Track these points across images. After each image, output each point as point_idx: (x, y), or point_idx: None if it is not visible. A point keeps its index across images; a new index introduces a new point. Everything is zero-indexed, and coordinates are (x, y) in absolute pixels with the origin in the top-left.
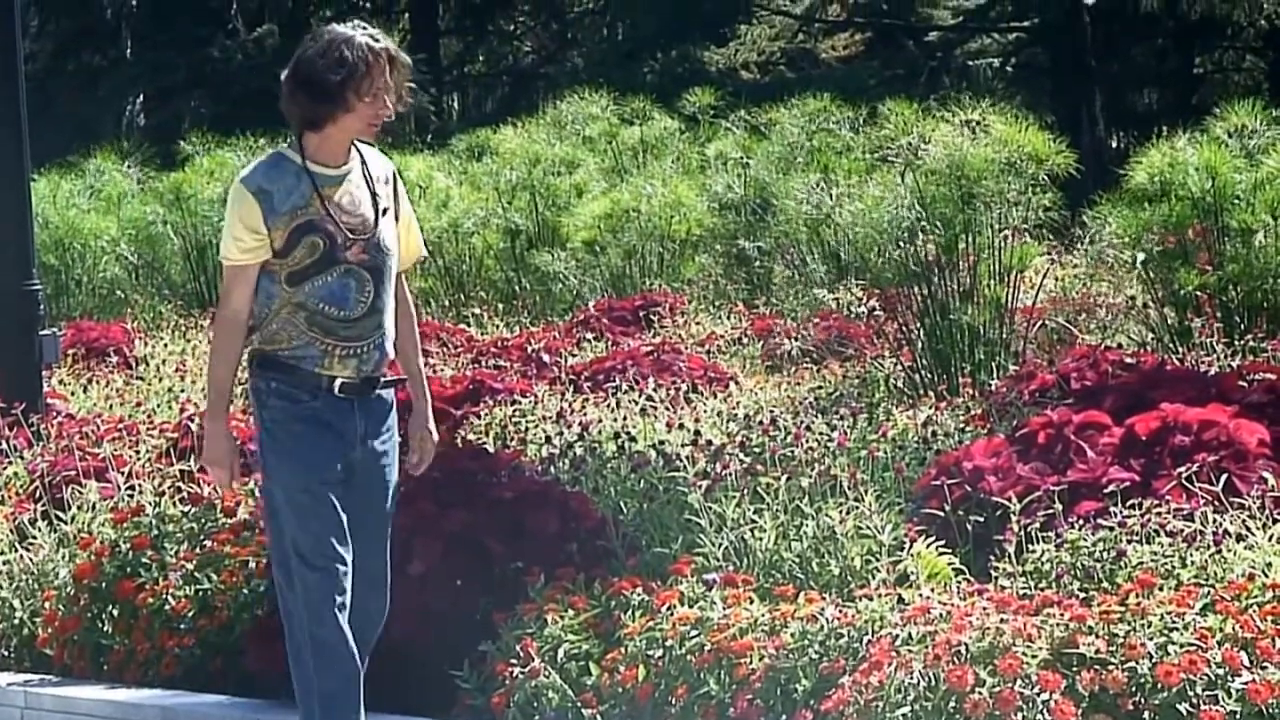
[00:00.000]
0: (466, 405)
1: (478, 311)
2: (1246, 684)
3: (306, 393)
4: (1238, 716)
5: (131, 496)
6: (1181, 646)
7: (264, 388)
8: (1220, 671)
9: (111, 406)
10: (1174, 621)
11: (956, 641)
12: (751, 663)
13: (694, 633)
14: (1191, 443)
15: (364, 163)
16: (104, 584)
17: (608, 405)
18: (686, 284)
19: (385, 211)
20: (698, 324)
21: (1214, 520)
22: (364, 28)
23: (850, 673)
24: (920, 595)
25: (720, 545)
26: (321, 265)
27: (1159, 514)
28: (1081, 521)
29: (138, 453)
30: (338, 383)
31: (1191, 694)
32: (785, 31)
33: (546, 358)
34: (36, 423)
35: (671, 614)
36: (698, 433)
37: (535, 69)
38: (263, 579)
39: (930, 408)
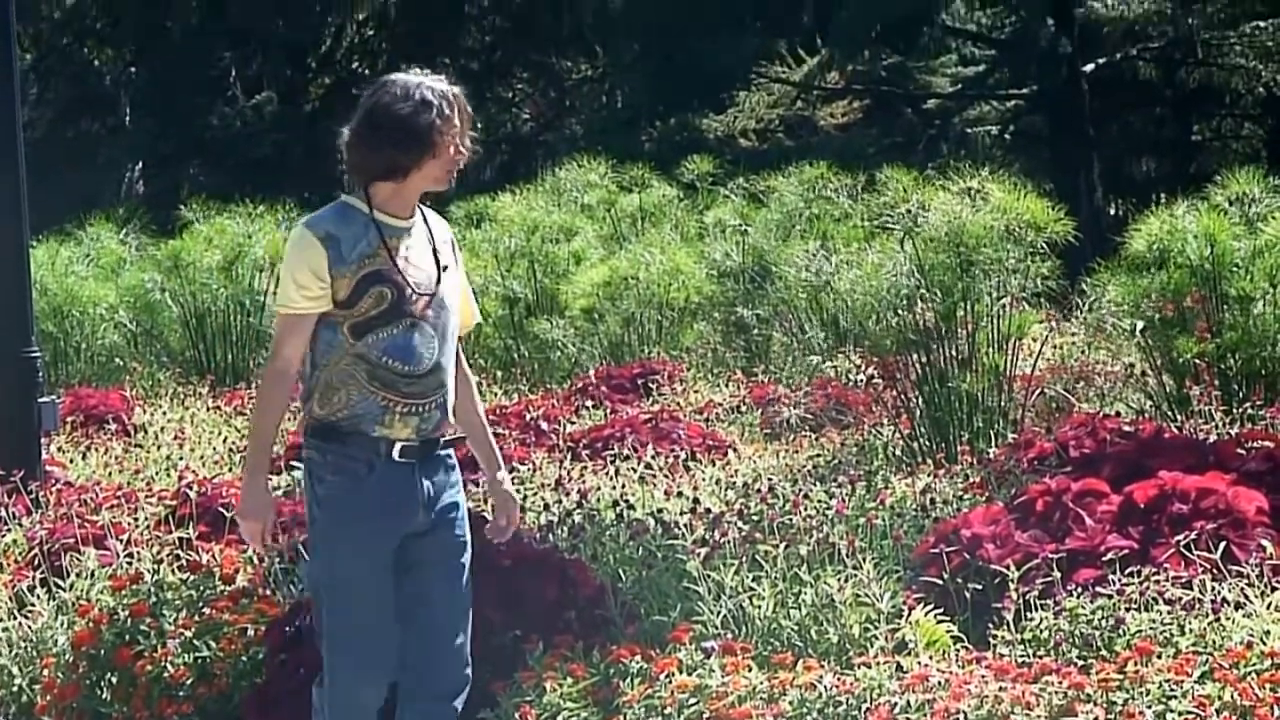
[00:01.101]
0: (465, 473)
1: (476, 379)
2: None
3: (364, 464)
4: None
5: (130, 564)
6: (1180, 714)
7: (319, 460)
8: None
9: (110, 474)
10: (1172, 689)
11: (955, 709)
12: None
13: (692, 701)
14: (1190, 510)
15: (425, 220)
16: (102, 651)
17: (606, 473)
18: (685, 352)
19: (446, 269)
20: (696, 392)
21: (1212, 588)
22: (429, 74)
23: None
24: (919, 663)
25: (719, 613)
26: (389, 317)
27: (1157, 582)
28: (1080, 589)
29: (136, 520)
30: (397, 447)
31: None
32: (784, 99)
33: (545, 425)
34: (35, 490)
35: (670, 682)
36: (696, 500)
37: (534, 136)
38: (261, 646)
39: (929, 475)
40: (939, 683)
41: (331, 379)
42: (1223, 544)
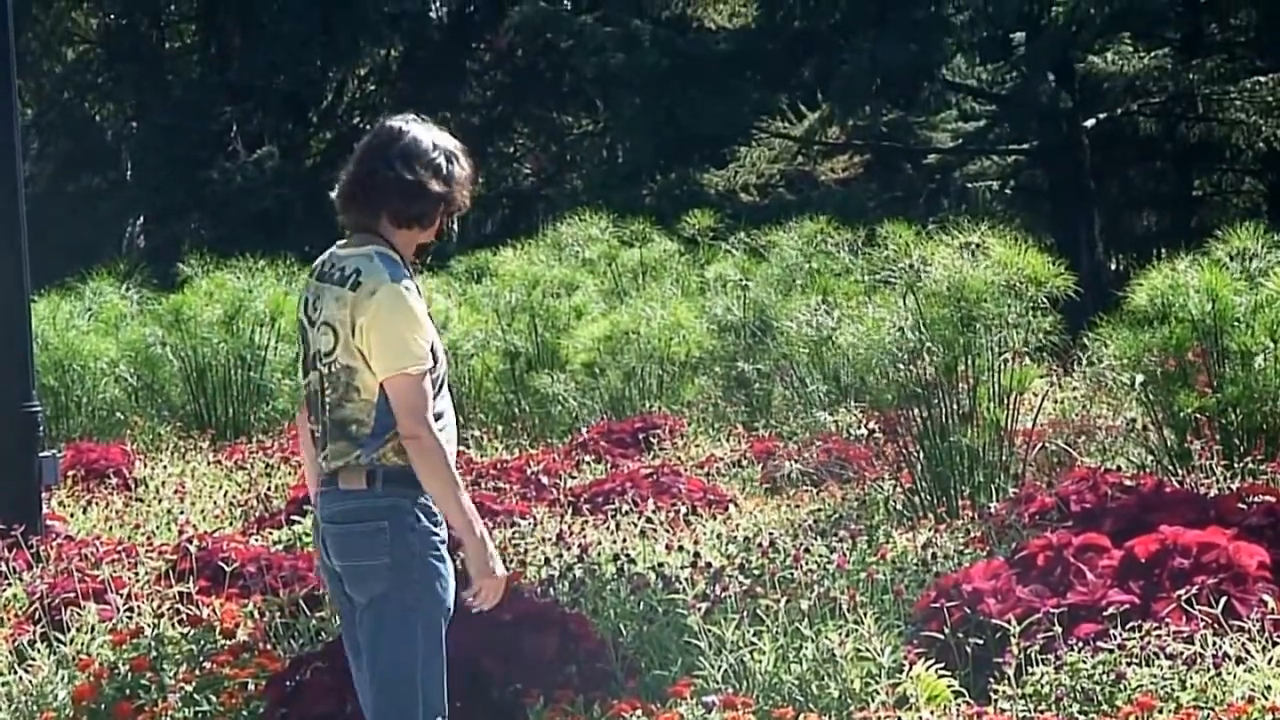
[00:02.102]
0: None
1: (477, 434)
2: None
3: (439, 513)
4: None
5: (130, 618)
6: None
7: (407, 507)
8: None
9: (111, 528)
10: None
11: None
12: None
13: None
14: (1191, 565)
15: None
16: (103, 706)
17: (607, 527)
18: (686, 406)
19: None
20: (697, 446)
21: (1213, 643)
22: (424, 120)
23: None
24: (920, 718)
25: (720, 667)
26: (443, 374)
27: (1158, 636)
28: (1081, 644)
29: (137, 574)
30: None
31: None
32: (784, 154)
33: (546, 480)
34: (36, 544)
35: None
36: (697, 555)
37: (535, 191)
38: (261, 700)
39: (929, 530)
40: None
41: None
42: (1224, 599)
